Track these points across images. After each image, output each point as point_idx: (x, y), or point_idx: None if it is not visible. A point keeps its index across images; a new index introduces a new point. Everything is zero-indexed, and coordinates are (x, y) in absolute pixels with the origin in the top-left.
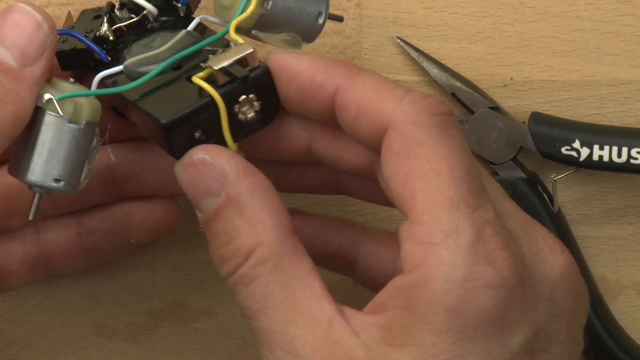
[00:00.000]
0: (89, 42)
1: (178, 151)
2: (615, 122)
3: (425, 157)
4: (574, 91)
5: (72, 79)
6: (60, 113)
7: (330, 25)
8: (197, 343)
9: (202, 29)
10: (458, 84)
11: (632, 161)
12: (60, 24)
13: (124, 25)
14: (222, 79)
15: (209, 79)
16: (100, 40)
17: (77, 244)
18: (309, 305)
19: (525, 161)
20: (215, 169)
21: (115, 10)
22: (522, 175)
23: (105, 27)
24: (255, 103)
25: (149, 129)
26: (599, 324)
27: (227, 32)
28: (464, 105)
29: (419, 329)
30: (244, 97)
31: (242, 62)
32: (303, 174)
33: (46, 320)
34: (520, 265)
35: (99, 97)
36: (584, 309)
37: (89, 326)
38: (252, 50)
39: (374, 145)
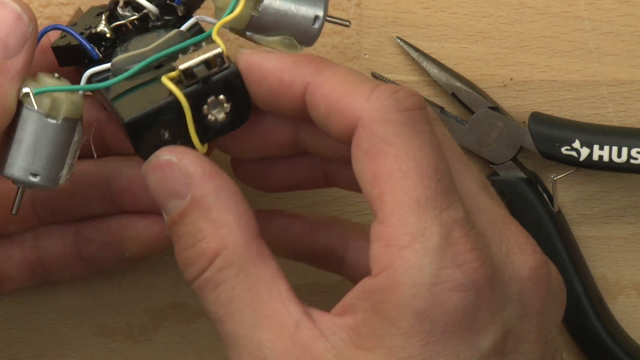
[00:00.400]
0: (80, 38)
1: (144, 151)
2: (615, 122)
3: (393, 156)
4: (574, 91)
5: (57, 74)
6: (36, 107)
7: (330, 25)
8: (197, 343)
9: (198, 29)
10: (458, 84)
11: (632, 161)
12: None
13: (124, 23)
14: (190, 79)
15: (179, 79)
16: (97, 37)
17: (74, 252)
18: (275, 308)
19: (525, 161)
20: (181, 170)
21: (119, 8)
22: (522, 175)
23: (102, 24)
24: (226, 105)
25: (120, 128)
26: (599, 324)
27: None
28: (464, 105)
29: (387, 333)
30: (212, 98)
31: (210, 62)
32: (292, 170)
33: (46, 320)
34: (489, 266)
35: (92, 94)
36: (558, 307)
37: (89, 326)
38: (219, 50)
39: (347, 141)
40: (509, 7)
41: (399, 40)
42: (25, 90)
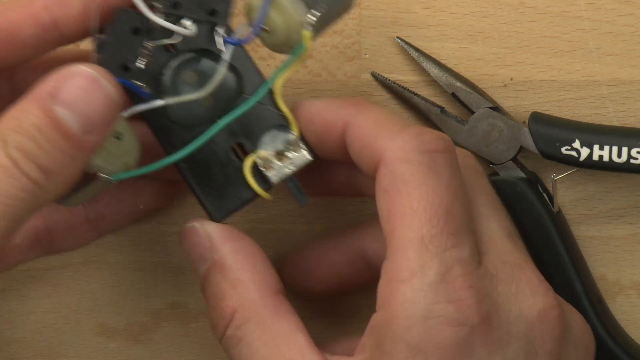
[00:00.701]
0: (133, 87)
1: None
2: (615, 122)
3: (407, 194)
4: (574, 91)
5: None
6: (107, 179)
7: None
8: (197, 343)
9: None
10: (458, 83)
11: (632, 161)
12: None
13: (159, 45)
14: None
15: (256, 165)
16: (141, 72)
17: (80, 214)
18: (292, 358)
19: (525, 161)
20: (203, 234)
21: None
22: (522, 175)
23: (141, 61)
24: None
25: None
26: (598, 324)
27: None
28: (464, 105)
29: None
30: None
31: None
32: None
33: (46, 320)
34: (488, 304)
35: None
36: (580, 353)
37: (89, 326)
38: (309, 160)
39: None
40: (509, 7)
41: (399, 40)
42: (102, 176)
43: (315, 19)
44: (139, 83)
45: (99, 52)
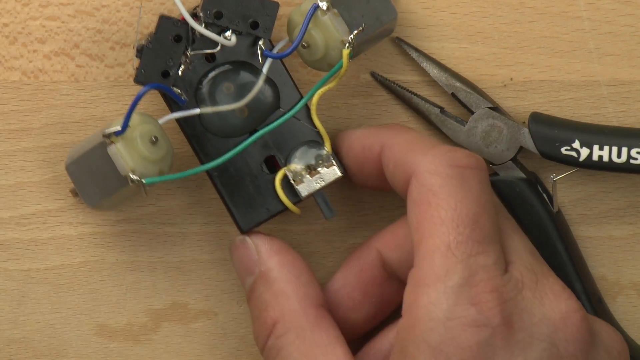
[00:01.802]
0: (172, 93)
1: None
2: (615, 122)
3: (435, 205)
4: (574, 91)
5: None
6: (142, 186)
7: None
8: (197, 343)
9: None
10: (458, 84)
11: (631, 161)
12: (61, 23)
13: (198, 54)
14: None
15: (286, 177)
16: (181, 79)
17: None
18: None
19: (525, 161)
20: (252, 248)
21: (197, 34)
22: (522, 175)
23: (181, 69)
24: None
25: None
26: None
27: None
28: (463, 105)
29: None
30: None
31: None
32: None
33: (46, 320)
34: (510, 307)
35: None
36: (610, 357)
37: (89, 326)
38: (339, 176)
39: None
40: (508, 8)
41: (398, 41)
42: (134, 177)
43: (354, 38)
44: (177, 90)
45: (140, 57)
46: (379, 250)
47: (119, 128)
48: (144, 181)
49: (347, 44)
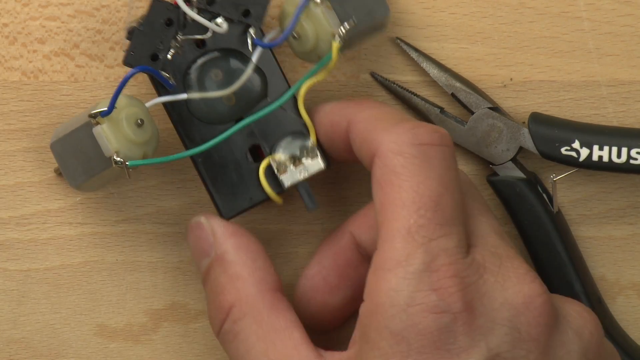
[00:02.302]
0: (160, 77)
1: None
2: (615, 123)
3: (397, 186)
4: (574, 91)
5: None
6: (121, 163)
7: None
8: (196, 343)
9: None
10: (458, 84)
11: (631, 161)
12: (60, 24)
13: (188, 39)
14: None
15: (270, 166)
16: (170, 64)
17: None
18: (287, 354)
19: (525, 161)
20: (208, 229)
21: (188, 19)
22: (522, 175)
23: (171, 53)
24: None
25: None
26: None
27: (300, 86)
28: (463, 105)
29: (370, 356)
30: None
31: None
32: None
33: (46, 320)
34: (471, 292)
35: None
36: (576, 343)
37: (88, 326)
38: (322, 168)
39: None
40: (508, 8)
41: (398, 41)
42: (118, 159)
43: (345, 31)
44: (165, 74)
45: (130, 39)
46: (352, 233)
47: (105, 109)
48: (127, 163)
49: (337, 37)
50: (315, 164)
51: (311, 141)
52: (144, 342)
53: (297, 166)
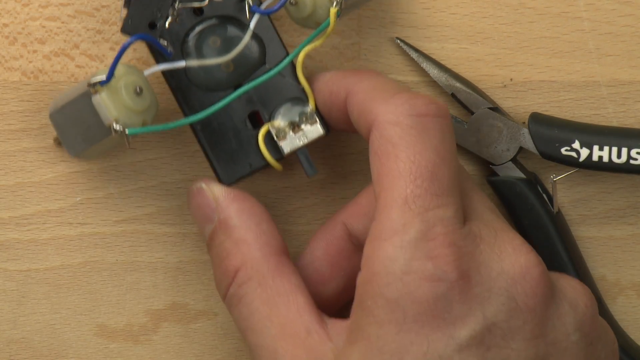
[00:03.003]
0: (158, 45)
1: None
2: (615, 123)
3: (394, 156)
4: (574, 92)
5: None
6: (120, 131)
7: None
8: (197, 343)
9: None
10: (458, 84)
11: (631, 162)
12: (61, 24)
13: (186, 7)
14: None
15: (269, 133)
16: (168, 32)
17: None
18: (290, 318)
19: (525, 162)
20: (209, 195)
21: None
22: (522, 175)
23: (169, 21)
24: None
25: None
26: None
27: (299, 52)
28: (463, 105)
29: (365, 323)
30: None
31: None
32: None
33: (46, 320)
34: (468, 261)
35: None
36: (572, 315)
37: (88, 326)
38: (321, 134)
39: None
40: (508, 8)
41: (398, 41)
42: (117, 127)
43: None
44: (164, 42)
45: (128, 7)
46: (344, 223)
47: (103, 77)
48: (126, 131)
49: (334, 3)
50: (314, 130)
51: (310, 107)
52: (144, 342)
53: (296, 132)
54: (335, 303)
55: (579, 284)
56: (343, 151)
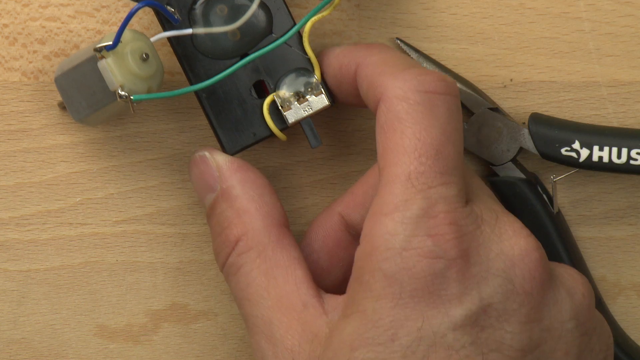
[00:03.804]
0: (165, 12)
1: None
2: (615, 123)
3: (400, 132)
4: (574, 92)
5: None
6: (125, 96)
7: (330, 25)
8: (197, 344)
9: None
10: (458, 84)
11: (631, 162)
12: (61, 24)
13: None
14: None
15: (274, 103)
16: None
17: None
18: (287, 290)
19: (525, 162)
20: (212, 163)
21: None
22: (522, 176)
23: None
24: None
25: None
26: None
27: (305, 23)
28: (463, 106)
29: (362, 297)
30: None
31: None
32: None
33: (46, 321)
34: (467, 241)
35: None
36: (569, 303)
37: (88, 327)
38: (326, 105)
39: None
40: (508, 8)
41: (398, 41)
42: (122, 93)
43: None
44: (171, 9)
45: None
46: (340, 214)
47: (110, 42)
48: (132, 97)
49: None
50: (319, 100)
51: (316, 78)
52: (144, 342)
53: (301, 103)
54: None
55: (577, 273)
56: (343, 151)
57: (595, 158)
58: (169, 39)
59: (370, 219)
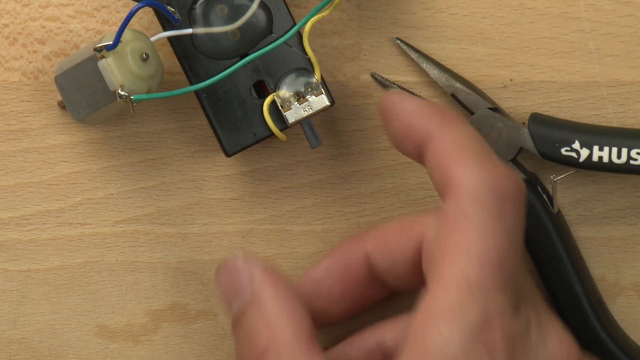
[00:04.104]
0: (166, 11)
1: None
2: (615, 123)
3: (466, 234)
4: (574, 92)
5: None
6: (124, 97)
7: (330, 25)
8: (197, 344)
9: None
10: (458, 84)
11: (631, 162)
12: (61, 24)
13: None
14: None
15: (274, 103)
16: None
17: None
18: None
19: (525, 162)
20: (245, 272)
21: None
22: (522, 176)
23: None
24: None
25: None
26: (598, 325)
27: (305, 22)
28: (463, 106)
29: None
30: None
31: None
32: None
33: (46, 321)
34: (519, 349)
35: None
36: None
37: (88, 327)
38: (327, 105)
39: (443, 198)
40: (508, 8)
41: (398, 41)
42: (122, 93)
43: None
44: (171, 9)
45: None
46: (367, 253)
47: (110, 42)
48: (132, 97)
49: None
50: (319, 100)
51: (315, 78)
52: (144, 342)
53: (301, 103)
54: (337, 321)
55: None
56: (343, 151)
57: (595, 158)
58: (169, 38)
59: (422, 320)
